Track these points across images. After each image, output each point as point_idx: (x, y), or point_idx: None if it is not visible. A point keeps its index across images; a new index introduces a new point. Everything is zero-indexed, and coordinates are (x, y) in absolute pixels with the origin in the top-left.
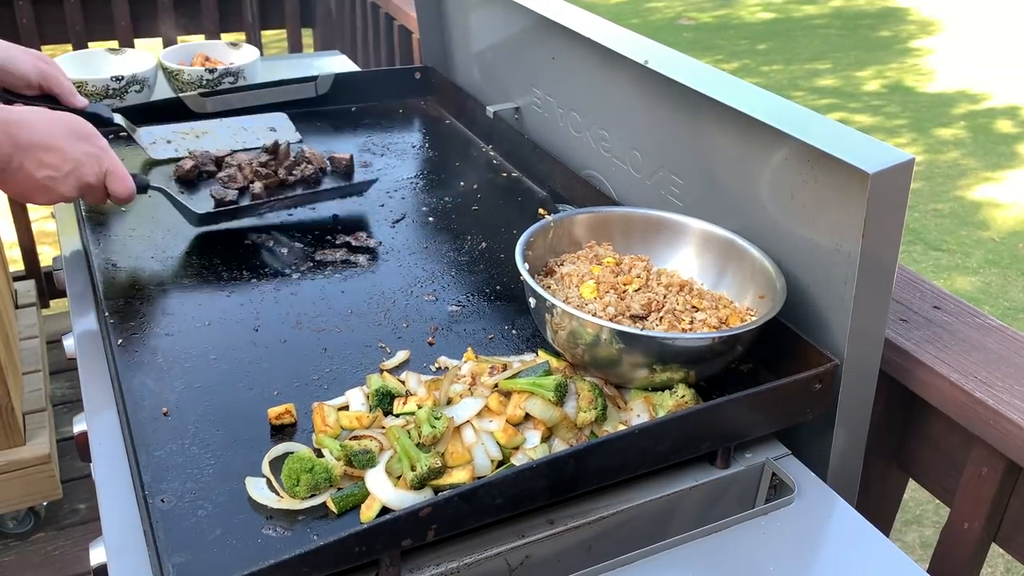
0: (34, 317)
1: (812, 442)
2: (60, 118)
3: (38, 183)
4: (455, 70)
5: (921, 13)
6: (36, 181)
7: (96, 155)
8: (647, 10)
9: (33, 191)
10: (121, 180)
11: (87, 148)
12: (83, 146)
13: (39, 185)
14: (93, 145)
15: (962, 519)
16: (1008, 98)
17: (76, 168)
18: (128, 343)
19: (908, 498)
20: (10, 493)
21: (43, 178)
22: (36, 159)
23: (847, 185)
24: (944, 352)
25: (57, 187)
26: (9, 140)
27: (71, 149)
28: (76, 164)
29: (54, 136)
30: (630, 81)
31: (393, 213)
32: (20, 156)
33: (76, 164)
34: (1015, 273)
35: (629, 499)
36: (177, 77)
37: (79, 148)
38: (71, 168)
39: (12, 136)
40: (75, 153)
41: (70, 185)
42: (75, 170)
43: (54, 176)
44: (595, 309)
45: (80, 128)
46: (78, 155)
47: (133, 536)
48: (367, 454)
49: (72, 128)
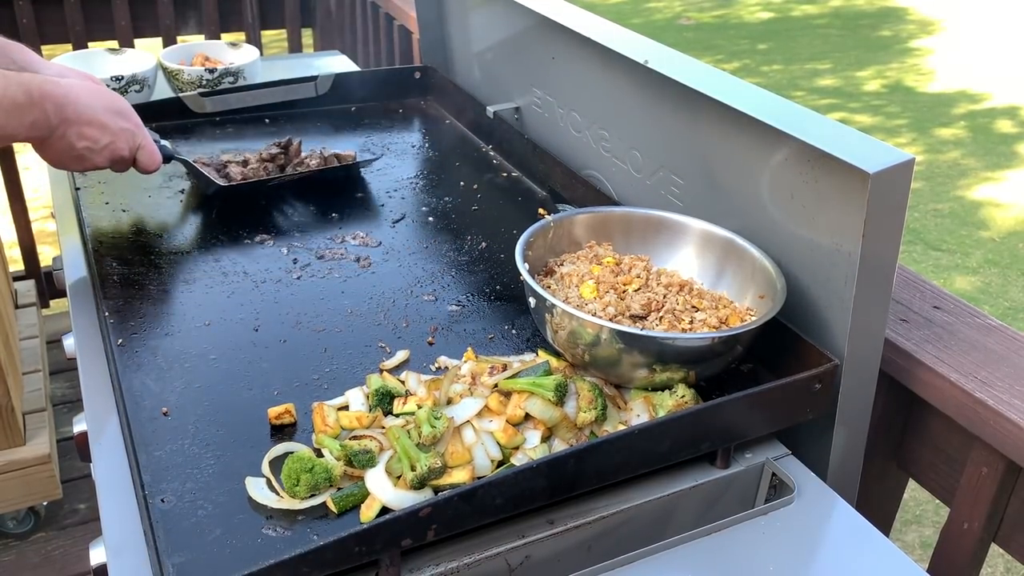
0: (34, 317)
1: (812, 442)
2: (101, 92)
3: (76, 153)
4: (455, 70)
5: (921, 13)
6: (75, 151)
7: (131, 131)
8: (647, 10)
9: (70, 159)
10: (151, 155)
11: (124, 124)
12: (121, 122)
13: (77, 155)
14: (129, 121)
15: (962, 519)
16: (1008, 98)
17: (113, 142)
18: (128, 343)
19: (908, 498)
20: (10, 493)
21: (82, 148)
22: (78, 132)
23: (847, 185)
24: (944, 352)
25: (93, 158)
26: (58, 114)
27: (111, 124)
28: (113, 138)
29: (96, 111)
30: (630, 81)
31: (393, 213)
32: (64, 128)
33: (113, 138)
34: (1015, 273)
35: (629, 499)
36: (177, 77)
37: (117, 123)
38: (108, 142)
39: (61, 110)
40: (114, 128)
41: (104, 156)
42: (111, 144)
43: (92, 147)
44: (595, 309)
45: (119, 104)
46: (116, 130)
47: (133, 536)
48: (367, 454)
49: (112, 104)
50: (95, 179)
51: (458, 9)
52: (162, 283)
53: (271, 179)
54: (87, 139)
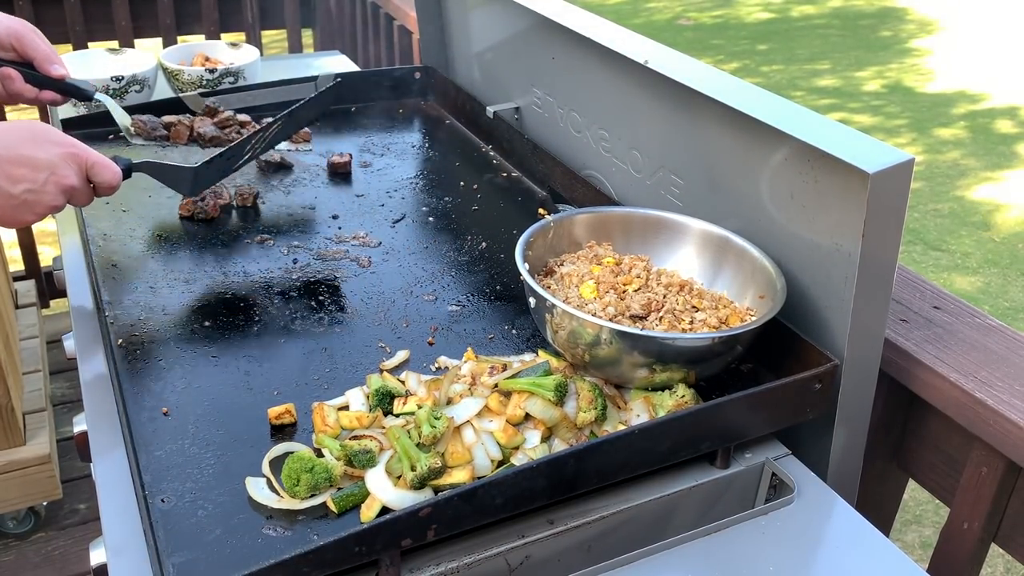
0: (34, 317)
1: (812, 442)
2: (13, 127)
3: (19, 201)
4: (455, 70)
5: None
6: (16, 199)
7: (71, 153)
8: (647, 10)
9: (19, 211)
10: (106, 167)
11: (57, 150)
12: (51, 148)
13: (21, 202)
14: (63, 144)
15: (962, 519)
16: (1008, 98)
17: (52, 172)
18: (128, 343)
19: (908, 498)
20: (10, 493)
21: (21, 193)
22: (6, 175)
23: (847, 185)
24: (944, 352)
25: (40, 199)
26: None
27: (40, 154)
28: (51, 168)
29: (16, 146)
30: (630, 81)
31: (393, 213)
32: None
33: (51, 168)
34: (1015, 273)
35: (629, 499)
36: (177, 77)
37: (49, 152)
38: (47, 175)
39: None
40: (46, 157)
41: (52, 193)
42: (52, 175)
43: (33, 188)
44: (595, 309)
45: (41, 131)
46: (51, 158)
47: (133, 536)
48: (367, 454)
49: (32, 133)
50: None
51: (458, 9)
52: (162, 283)
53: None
54: (21, 180)
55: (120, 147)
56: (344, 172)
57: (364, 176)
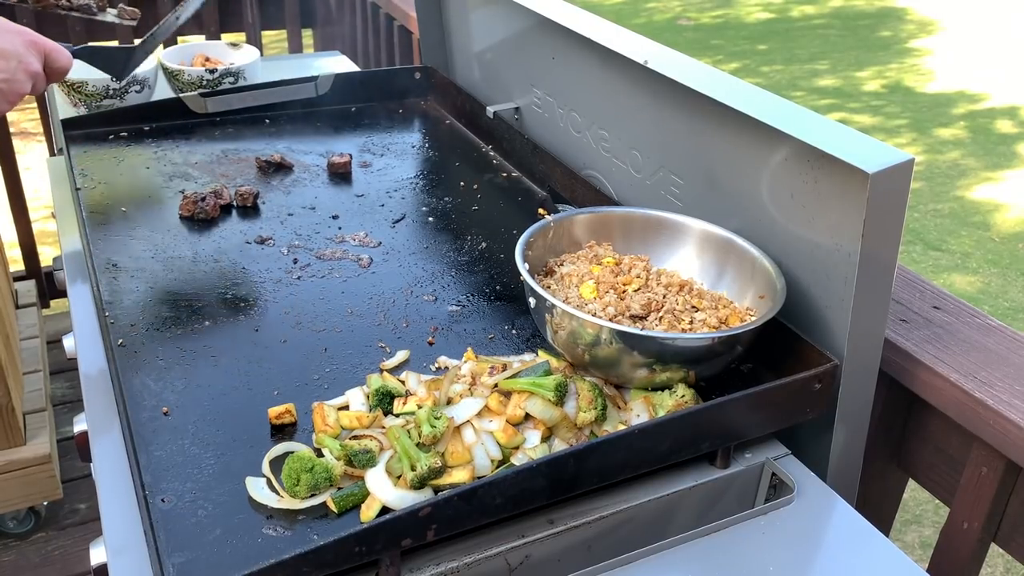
0: (34, 317)
1: (812, 442)
2: None
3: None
4: (455, 70)
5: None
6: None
7: (31, 40)
8: (647, 10)
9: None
10: (61, 52)
11: (19, 38)
12: (14, 38)
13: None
14: (21, 34)
15: (962, 519)
16: (1008, 98)
17: (20, 60)
18: (128, 343)
19: (908, 498)
20: (10, 493)
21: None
22: None
23: (847, 185)
24: (944, 352)
25: (12, 87)
26: None
27: (8, 45)
28: (18, 56)
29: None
30: (630, 81)
31: (393, 213)
32: None
33: (18, 56)
34: (1015, 273)
35: (629, 499)
36: (177, 77)
37: (13, 41)
38: (16, 63)
39: None
40: (12, 48)
41: (21, 80)
42: (20, 62)
43: (6, 78)
44: (595, 309)
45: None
46: (16, 48)
47: (133, 536)
48: (367, 454)
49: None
50: (95, 179)
51: (458, 9)
52: (162, 283)
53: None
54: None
55: (120, 147)
56: (344, 172)
57: (364, 176)
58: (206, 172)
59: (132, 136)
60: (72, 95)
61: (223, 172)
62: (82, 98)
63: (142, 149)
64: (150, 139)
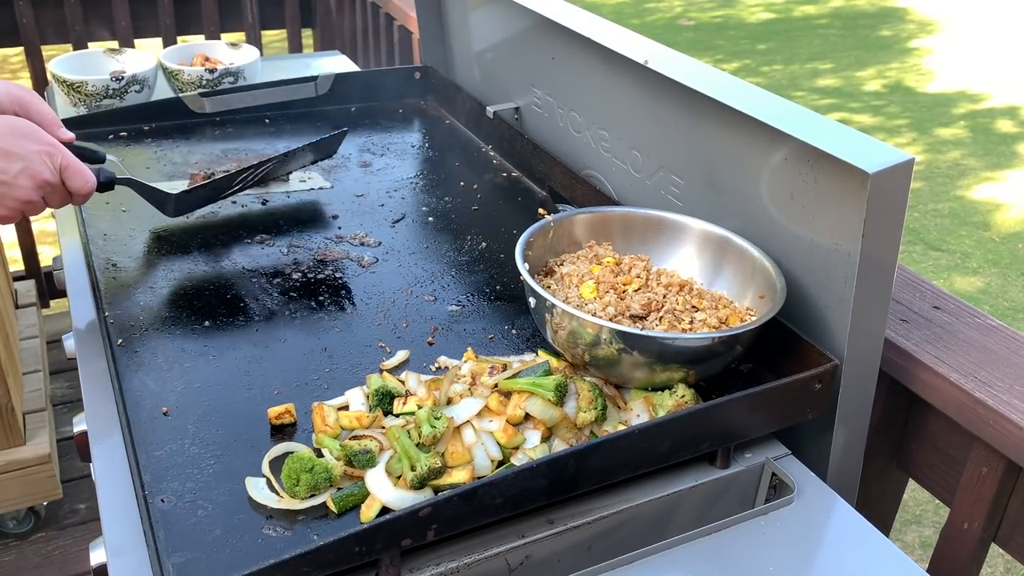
0: (34, 317)
1: (812, 442)
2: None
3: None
4: (455, 70)
5: (921, 13)
6: None
7: (46, 151)
8: (647, 10)
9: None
10: (79, 174)
11: (34, 146)
12: (29, 144)
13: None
14: (41, 142)
15: (962, 519)
16: (1008, 98)
17: (27, 166)
18: (128, 343)
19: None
20: (10, 493)
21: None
22: None
23: (847, 185)
24: (944, 352)
25: (12, 192)
26: None
27: (16, 148)
28: (26, 162)
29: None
30: (630, 81)
31: (393, 213)
32: None
33: (26, 162)
34: (1015, 273)
35: (629, 499)
36: (177, 77)
37: (25, 146)
38: (21, 167)
39: None
40: (22, 151)
41: (25, 186)
42: (26, 168)
43: (4, 180)
44: (595, 309)
45: (22, 126)
46: (26, 153)
47: (133, 536)
48: (367, 454)
49: (13, 126)
50: None
51: (458, 9)
52: (162, 283)
53: (235, 172)
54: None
55: (119, 147)
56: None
57: (364, 176)
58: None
59: (132, 136)
60: (72, 95)
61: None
62: (82, 98)
63: (142, 149)
64: (150, 139)
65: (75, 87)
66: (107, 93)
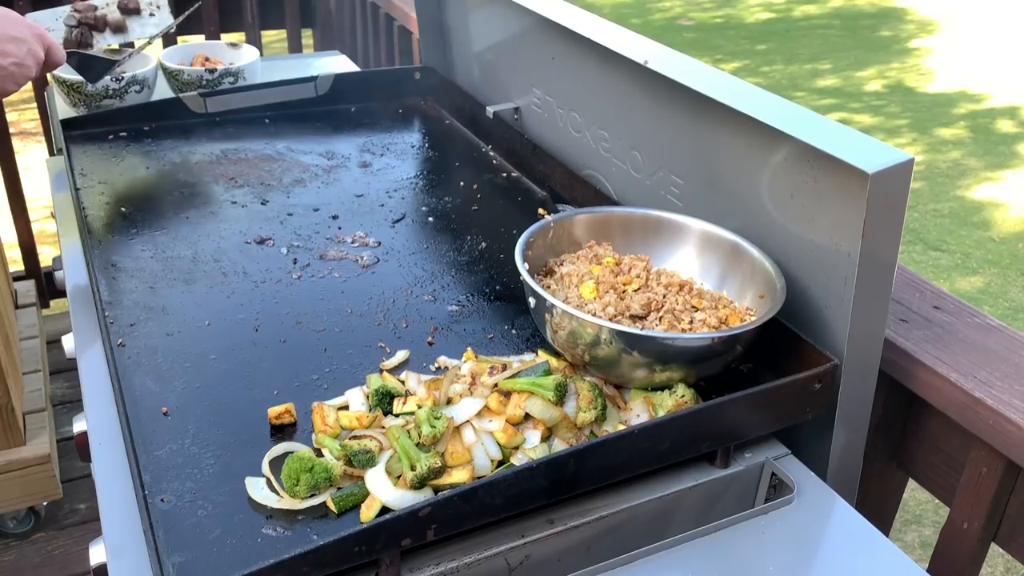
0: (34, 317)
1: (812, 442)
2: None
3: (6, 72)
4: (455, 70)
5: (921, 13)
6: (5, 70)
7: (39, 33)
8: (647, 10)
9: (4, 81)
10: (59, 49)
11: (28, 30)
12: (25, 29)
13: (8, 74)
14: (30, 27)
15: (962, 519)
16: (1009, 98)
17: (31, 49)
18: (128, 343)
19: (908, 498)
20: (10, 493)
21: (9, 65)
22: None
23: (847, 185)
24: (944, 352)
25: (23, 71)
26: None
27: (22, 34)
28: (29, 46)
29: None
30: (630, 81)
31: (393, 213)
32: None
33: (29, 46)
34: (1015, 273)
35: (629, 499)
36: (177, 77)
37: (24, 31)
38: (27, 50)
39: None
40: (25, 36)
41: (29, 65)
42: (30, 51)
43: (17, 61)
44: (595, 309)
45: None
46: (27, 36)
47: (133, 536)
48: (367, 454)
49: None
50: (95, 179)
51: (458, 9)
52: (162, 283)
53: None
54: (10, 55)
55: (120, 147)
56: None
57: (364, 176)
58: (206, 172)
59: (132, 136)
60: (72, 95)
61: (223, 172)
62: (82, 98)
63: (142, 149)
64: (150, 139)
65: (75, 87)
66: (107, 93)
